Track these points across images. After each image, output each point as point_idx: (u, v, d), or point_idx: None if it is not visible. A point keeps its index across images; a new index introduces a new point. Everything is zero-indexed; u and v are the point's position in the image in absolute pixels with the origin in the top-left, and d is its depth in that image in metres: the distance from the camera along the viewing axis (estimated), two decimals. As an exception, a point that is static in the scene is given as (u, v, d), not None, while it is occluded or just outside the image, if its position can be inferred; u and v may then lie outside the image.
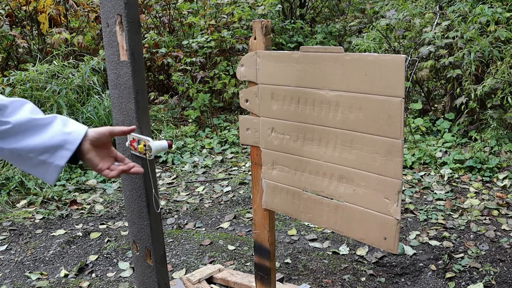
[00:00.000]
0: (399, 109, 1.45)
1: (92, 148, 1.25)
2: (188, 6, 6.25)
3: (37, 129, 1.19)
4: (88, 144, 1.25)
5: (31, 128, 1.18)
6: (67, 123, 1.24)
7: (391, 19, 5.05)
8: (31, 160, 1.20)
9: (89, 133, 1.25)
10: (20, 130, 1.17)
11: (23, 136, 1.17)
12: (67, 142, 1.20)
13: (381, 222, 1.59)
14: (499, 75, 4.13)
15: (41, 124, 1.19)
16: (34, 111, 1.21)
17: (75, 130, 1.22)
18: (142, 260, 1.81)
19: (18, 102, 1.20)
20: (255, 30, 1.82)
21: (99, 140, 1.26)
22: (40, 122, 1.19)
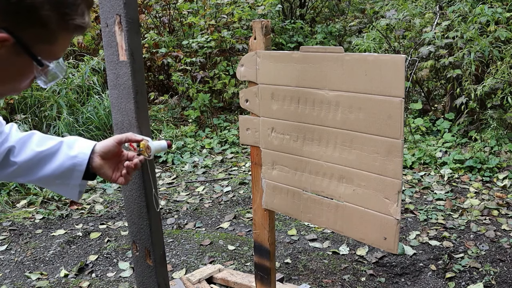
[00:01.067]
0: (399, 109, 1.45)
1: (103, 163, 1.30)
2: (188, 6, 6.24)
3: (45, 161, 1.25)
4: (98, 159, 1.29)
5: (39, 161, 1.25)
6: (73, 145, 1.28)
7: (391, 19, 5.05)
8: (51, 184, 1.30)
9: (97, 149, 1.29)
10: (29, 166, 1.24)
11: (34, 170, 1.25)
12: (75, 165, 1.26)
13: (381, 222, 1.59)
14: (499, 75, 4.13)
15: (48, 154, 1.26)
16: (40, 143, 1.26)
17: (81, 151, 1.27)
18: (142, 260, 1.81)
19: (25, 138, 1.26)
20: (255, 30, 1.82)
21: (108, 153, 1.30)
22: (46, 153, 1.25)
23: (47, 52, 0.88)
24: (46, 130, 4.57)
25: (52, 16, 0.83)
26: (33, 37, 0.84)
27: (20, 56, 0.85)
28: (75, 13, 0.86)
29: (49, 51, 0.89)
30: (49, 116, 4.62)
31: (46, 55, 0.88)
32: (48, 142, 1.27)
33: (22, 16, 0.81)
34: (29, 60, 0.87)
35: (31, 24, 0.83)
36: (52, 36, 0.86)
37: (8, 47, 0.82)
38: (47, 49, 0.88)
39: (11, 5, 0.79)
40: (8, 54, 0.84)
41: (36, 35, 0.84)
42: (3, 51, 0.82)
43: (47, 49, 0.88)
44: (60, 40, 0.88)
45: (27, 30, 0.83)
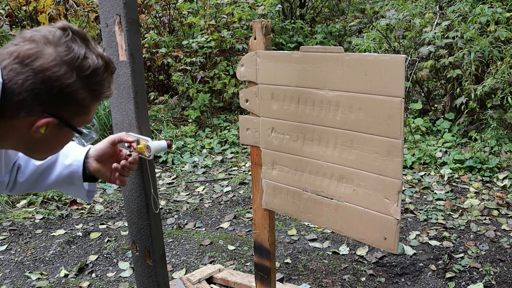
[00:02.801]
0: (399, 109, 1.45)
1: (99, 166, 1.36)
2: (188, 6, 6.24)
3: (44, 174, 1.36)
4: (94, 163, 1.35)
5: (40, 175, 1.36)
6: (68, 154, 1.36)
7: (391, 19, 5.05)
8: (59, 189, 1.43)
9: (91, 154, 1.36)
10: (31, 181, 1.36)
11: (36, 183, 1.37)
12: (72, 173, 1.36)
13: (381, 222, 1.59)
14: (499, 75, 4.13)
15: (46, 167, 1.36)
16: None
17: (75, 159, 1.36)
18: (142, 260, 1.81)
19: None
20: (255, 30, 1.82)
21: (103, 156, 1.36)
22: (45, 166, 1.35)
23: (83, 121, 1.05)
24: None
25: (86, 96, 0.99)
26: (72, 114, 1.01)
27: (62, 130, 1.02)
28: (103, 87, 1.02)
29: (84, 120, 1.05)
30: (49, 116, 4.62)
31: (82, 123, 1.06)
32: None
33: (62, 101, 0.97)
34: (69, 131, 1.04)
35: (70, 105, 0.99)
36: (87, 109, 1.03)
37: (52, 126, 0.99)
38: (83, 119, 1.05)
39: (52, 96, 0.95)
40: (53, 131, 1.01)
41: (74, 112, 1.01)
42: (49, 129, 0.99)
43: (83, 119, 1.05)
44: (92, 109, 1.05)
45: (67, 110, 0.99)
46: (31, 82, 0.92)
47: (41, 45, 0.93)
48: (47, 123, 0.97)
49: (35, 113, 0.95)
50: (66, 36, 0.96)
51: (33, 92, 0.92)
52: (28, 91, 0.92)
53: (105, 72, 1.01)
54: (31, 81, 0.92)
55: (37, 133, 0.97)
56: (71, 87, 0.95)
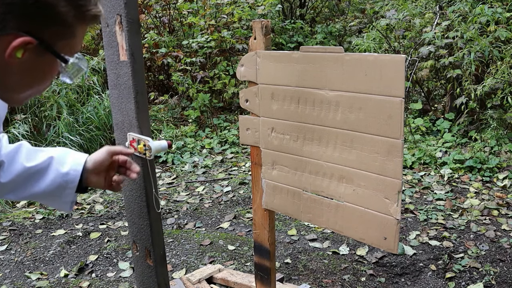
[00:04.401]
0: (399, 109, 1.45)
1: (95, 178, 1.27)
2: (188, 6, 6.24)
3: (34, 177, 1.22)
4: (90, 174, 1.26)
5: (28, 177, 1.21)
6: (64, 161, 1.24)
7: (391, 19, 5.05)
8: (42, 199, 1.27)
9: (89, 164, 1.26)
10: (18, 182, 1.20)
11: (24, 186, 1.21)
12: (67, 182, 1.23)
13: (381, 222, 1.59)
14: (499, 75, 4.13)
15: (38, 170, 1.22)
16: (29, 156, 1.22)
17: (72, 168, 1.24)
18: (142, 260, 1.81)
19: (13, 151, 1.21)
20: (255, 30, 1.82)
21: (100, 167, 1.28)
22: (36, 168, 1.21)
23: (68, 47, 0.89)
24: (46, 130, 4.57)
25: (68, 11, 0.84)
26: (53, 36, 0.85)
27: (43, 56, 0.86)
28: (89, 3, 0.87)
29: (70, 46, 0.89)
30: (49, 116, 4.62)
31: (67, 51, 0.89)
32: (37, 155, 1.23)
33: (41, 16, 0.82)
34: (52, 59, 0.88)
35: (50, 23, 0.83)
36: (71, 30, 0.87)
37: (32, 49, 0.83)
38: (67, 44, 0.89)
39: (28, 7, 0.80)
40: (32, 57, 0.84)
41: (56, 32, 0.85)
42: (27, 54, 0.83)
43: (67, 44, 0.89)
44: (78, 33, 0.89)
45: (47, 29, 0.84)
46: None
47: None
48: (24, 43, 0.81)
49: (10, 31, 0.80)
50: None
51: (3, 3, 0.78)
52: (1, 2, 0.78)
53: None
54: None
55: (12, 57, 0.82)
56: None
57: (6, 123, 4.55)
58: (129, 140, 1.57)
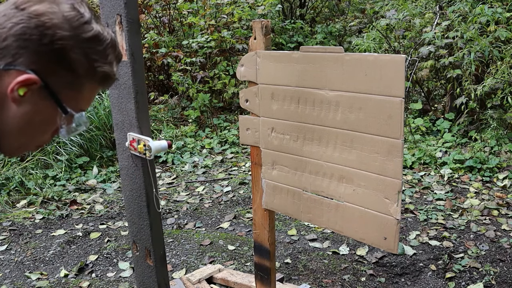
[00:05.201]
0: (399, 109, 1.45)
1: None
2: (188, 6, 6.24)
3: None
4: None
5: None
6: None
7: (391, 19, 5.05)
8: None
9: None
10: None
11: None
12: None
13: (381, 222, 1.59)
14: (499, 75, 4.13)
15: None
16: None
17: None
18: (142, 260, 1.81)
19: None
20: (255, 30, 1.82)
21: None
22: None
23: (73, 101, 0.86)
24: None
25: (81, 61, 0.82)
26: (60, 82, 0.83)
27: (45, 101, 0.83)
28: (104, 60, 0.85)
29: (75, 100, 0.87)
30: (49, 116, 4.62)
31: (71, 104, 0.86)
32: None
33: (52, 58, 0.80)
34: (54, 108, 0.85)
35: (60, 68, 0.82)
36: (79, 82, 0.85)
37: (35, 91, 0.81)
38: (72, 96, 0.86)
39: (42, 46, 0.79)
40: (34, 100, 0.82)
41: (63, 80, 0.83)
42: (29, 95, 0.80)
43: (72, 97, 0.86)
44: (87, 89, 0.87)
45: (55, 74, 0.82)
46: (22, 26, 0.78)
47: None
48: (29, 81, 0.79)
49: (18, 68, 0.79)
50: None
51: (21, 38, 0.78)
52: (15, 36, 0.78)
53: (110, 48, 0.87)
54: (22, 25, 0.78)
55: (14, 93, 0.79)
56: (65, 41, 0.80)
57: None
58: (129, 140, 1.57)
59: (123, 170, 1.71)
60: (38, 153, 4.32)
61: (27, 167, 4.18)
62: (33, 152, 4.33)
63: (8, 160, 4.18)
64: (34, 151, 0.89)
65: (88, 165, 4.48)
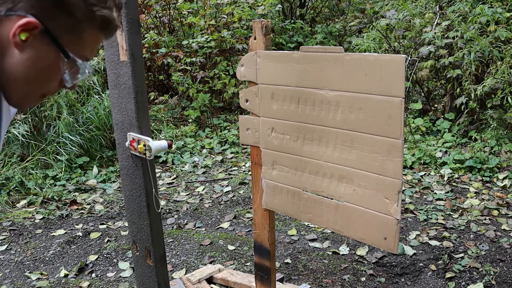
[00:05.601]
0: (399, 109, 1.45)
1: None
2: (188, 6, 6.24)
3: None
4: None
5: None
6: None
7: (391, 19, 5.05)
8: None
9: None
10: None
11: None
12: None
13: (381, 222, 1.59)
14: (499, 75, 4.13)
15: None
16: None
17: None
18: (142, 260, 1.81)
19: None
20: (255, 30, 1.82)
21: None
22: None
23: (74, 46, 0.87)
24: (46, 130, 4.57)
25: (79, 4, 0.83)
26: (60, 27, 0.83)
27: (47, 46, 0.84)
28: (103, 4, 0.85)
29: (76, 45, 0.87)
30: (49, 116, 4.62)
31: (73, 49, 0.87)
32: None
33: (51, 2, 0.81)
34: (56, 53, 0.85)
35: (59, 11, 0.82)
36: (79, 27, 0.85)
37: (36, 36, 0.82)
38: (74, 41, 0.86)
39: None
40: (36, 45, 0.83)
41: (63, 24, 0.83)
42: (31, 40, 0.81)
43: (74, 42, 0.86)
44: (88, 34, 0.87)
45: (55, 18, 0.82)
46: None
47: None
48: (29, 24, 0.80)
49: (19, 12, 0.80)
50: None
51: None
52: None
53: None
54: None
55: (16, 38, 0.80)
56: None
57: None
58: (129, 140, 1.57)
59: (123, 170, 1.71)
60: (38, 153, 4.33)
61: (27, 167, 4.18)
62: (33, 152, 4.33)
63: (8, 160, 4.18)
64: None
65: (88, 165, 4.48)
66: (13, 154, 4.28)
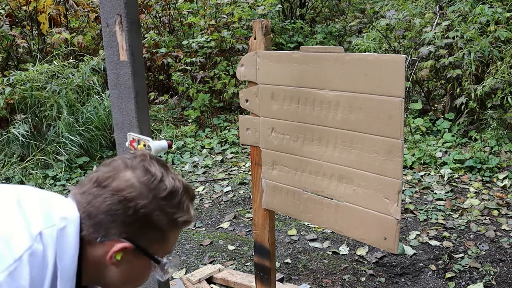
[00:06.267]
0: (399, 109, 1.45)
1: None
2: (188, 6, 6.24)
3: None
4: None
5: None
6: None
7: (391, 19, 5.05)
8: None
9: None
10: None
11: None
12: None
13: (381, 222, 1.59)
14: (499, 75, 4.13)
15: None
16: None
17: None
18: (142, 260, 1.80)
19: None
20: (255, 30, 1.82)
21: None
22: None
23: (162, 250, 1.01)
24: (46, 130, 4.57)
25: (162, 219, 0.96)
26: (148, 240, 0.97)
27: (139, 258, 0.98)
28: (181, 211, 0.98)
29: (163, 249, 1.01)
30: (49, 116, 4.62)
31: (161, 252, 1.01)
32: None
33: (138, 224, 0.95)
34: (147, 260, 0.99)
35: (146, 230, 0.96)
36: (165, 235, 0.99)
37: (129, 252, 0.95)
38: (161, 247, 1.00)
39: (128, 217, 0.93)
40: (129, 258, 0.96)
41: (151, 237, 0.97)
42: (125, 257, 0.95)
43: (161, 248, 1.00)
44: (170, 236, 1.01)
45: (143, 235, 0.96)
46: (108, 203, 0.93)
47: (119, 169, 0.96)
48: (123, 249, 0.94)
49: (112, 238, 0.94)
50: (143, 161, 0.99)
51: (109, 214, 0.93)
52: (104, 213, 0.93)
53: (184, 195, 0.99)
54: (108, 202, 0.93)
55: (113, 259, 0.95)
56: (146, 208, 0.94)
57: (6, 123, 4.55)
58: (129, 140, 1.57)
59: (123, 170, 1.70)
60: (38, 153, 4.33)
61: (27, 167, 4.18)
62: (33, 152, 4.33)
63: (8, 160, 4.18)
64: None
65: (88, 165, 4.48)
66: (13, 154, 4.28)
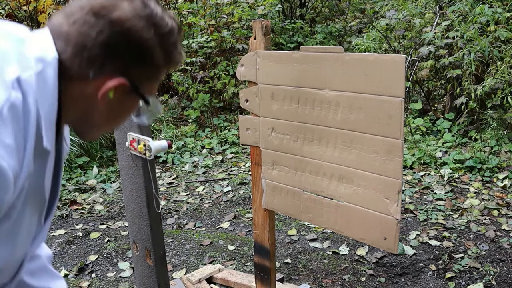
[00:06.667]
0: (399, 109, 1.45)
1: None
2: (188, 6, 6.24)
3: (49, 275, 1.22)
4: None
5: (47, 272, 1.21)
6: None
7: (391, 19, 5.05)
8: None
9: None
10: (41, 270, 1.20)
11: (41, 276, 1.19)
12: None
13: (381, 222, 1.59)
14: (499, 75, 4.13)
15: (53, 273, 1.23)
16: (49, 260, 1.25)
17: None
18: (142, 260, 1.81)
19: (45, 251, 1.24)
20: (255, 30, 1.82)
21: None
22: (52, 270, 1.23)
23: (150, 89, 0.92)
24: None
25: (161, 55, 0.88)
26: (142, 77, 0.89)
27: (130, 96, 0.89)
28: (176, 49, 0.91)
29: (151, 88, 0.93)
30: (49, 116, 4.62)
31: (149, 92, 0.92)
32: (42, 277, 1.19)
33: (138, 59, 0.86)
34: (135, 100, 0.91)
35: (143, 66, 0.87)
36: (157, 73, 0.91)
37: (121, 90, 0.86)
38: (151, 86, 0.92)
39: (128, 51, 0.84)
40: (120, 97, 0.88)
41: (145, 75, 0.89)
42: (116, 95, 0.86)
43: (150, 87, 0.92)
44: (160, 76, 0.93)
45: (139, 72, 0.87)
46: (106, 35, 0.81)
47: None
48: (118, 85, 0.84)
49: (106, 73, 0.83)
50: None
51: (107, 46, 0.82)
52: (101, 45, 0.82)
53: (178, 35, 0.91)
54: (107, 34, 0.81)
55: (104, 98, 0.85)
56: (150, 43, 0.85)
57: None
58: (129, 140, 1.57)
59: (123, 170, 1.71)
60: (38, 153, 4.32)
61: (27, 167, 4.18)
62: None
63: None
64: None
65: (88, 165, 4.48)
66: (13, 154, 4.28)
